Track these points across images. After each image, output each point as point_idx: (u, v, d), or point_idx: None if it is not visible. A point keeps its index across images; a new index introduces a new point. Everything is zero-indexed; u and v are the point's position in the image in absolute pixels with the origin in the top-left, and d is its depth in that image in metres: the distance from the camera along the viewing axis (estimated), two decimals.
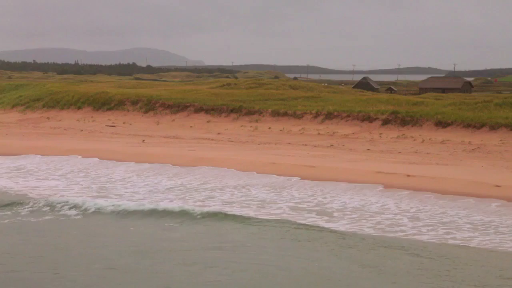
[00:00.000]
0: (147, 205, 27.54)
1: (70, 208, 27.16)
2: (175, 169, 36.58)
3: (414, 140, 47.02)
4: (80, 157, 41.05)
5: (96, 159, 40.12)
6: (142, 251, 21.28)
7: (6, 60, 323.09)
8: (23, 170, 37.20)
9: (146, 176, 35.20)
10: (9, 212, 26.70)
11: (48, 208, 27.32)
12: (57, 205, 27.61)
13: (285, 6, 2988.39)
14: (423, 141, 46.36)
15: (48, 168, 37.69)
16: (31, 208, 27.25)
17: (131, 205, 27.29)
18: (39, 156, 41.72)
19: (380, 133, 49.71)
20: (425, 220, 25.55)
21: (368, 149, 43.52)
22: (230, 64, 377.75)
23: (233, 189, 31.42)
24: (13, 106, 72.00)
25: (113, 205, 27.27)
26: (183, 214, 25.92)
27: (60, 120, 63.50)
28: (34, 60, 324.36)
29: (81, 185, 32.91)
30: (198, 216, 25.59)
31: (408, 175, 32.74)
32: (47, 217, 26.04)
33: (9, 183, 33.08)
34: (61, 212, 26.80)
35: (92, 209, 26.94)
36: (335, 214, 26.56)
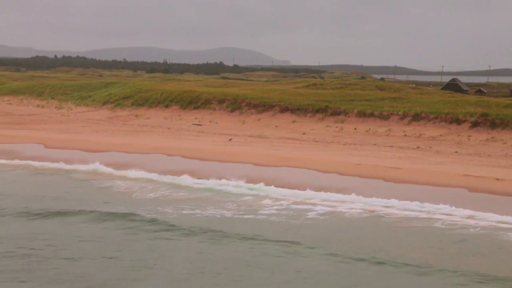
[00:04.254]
0: None
1: None
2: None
3: (505, 143, 45.77)
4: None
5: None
6: None
7: (97, 59, 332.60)
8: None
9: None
10: None
11: None
12: None
13: (369, 6, 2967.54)
14: None
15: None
16: None
17: None
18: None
19: (469, 136, 48.59)
20: None
21: (456, 152, 42.62)
22: (316, 64, 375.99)
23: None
24: (104, 104, 73.82)
25: None
26: None
27: (148, 118, 64.65)
28: (124, 59, 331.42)
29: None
30: None
31: (497, 179, 31.90)
32: None
33: None
34: None
35: None
36: None
